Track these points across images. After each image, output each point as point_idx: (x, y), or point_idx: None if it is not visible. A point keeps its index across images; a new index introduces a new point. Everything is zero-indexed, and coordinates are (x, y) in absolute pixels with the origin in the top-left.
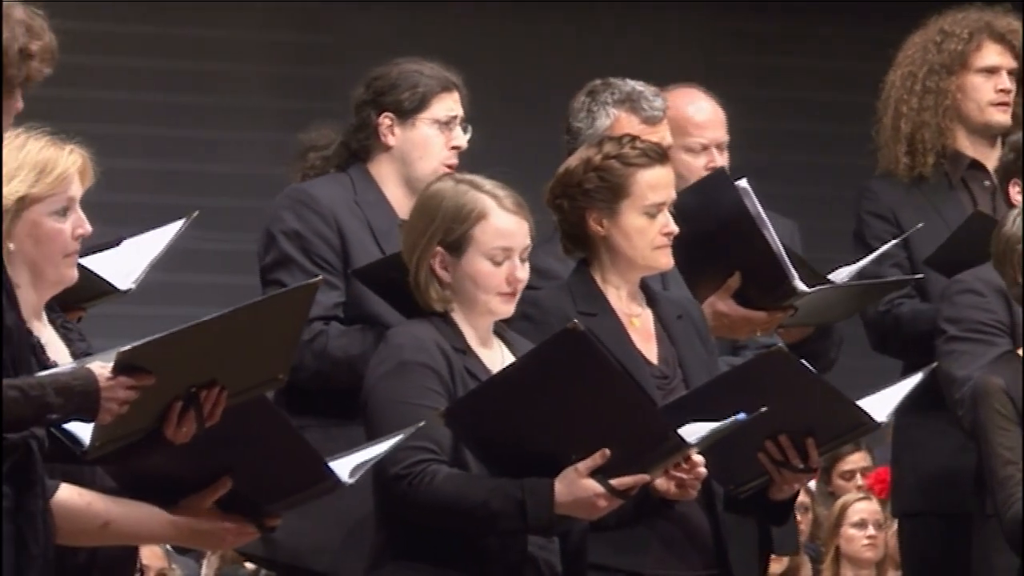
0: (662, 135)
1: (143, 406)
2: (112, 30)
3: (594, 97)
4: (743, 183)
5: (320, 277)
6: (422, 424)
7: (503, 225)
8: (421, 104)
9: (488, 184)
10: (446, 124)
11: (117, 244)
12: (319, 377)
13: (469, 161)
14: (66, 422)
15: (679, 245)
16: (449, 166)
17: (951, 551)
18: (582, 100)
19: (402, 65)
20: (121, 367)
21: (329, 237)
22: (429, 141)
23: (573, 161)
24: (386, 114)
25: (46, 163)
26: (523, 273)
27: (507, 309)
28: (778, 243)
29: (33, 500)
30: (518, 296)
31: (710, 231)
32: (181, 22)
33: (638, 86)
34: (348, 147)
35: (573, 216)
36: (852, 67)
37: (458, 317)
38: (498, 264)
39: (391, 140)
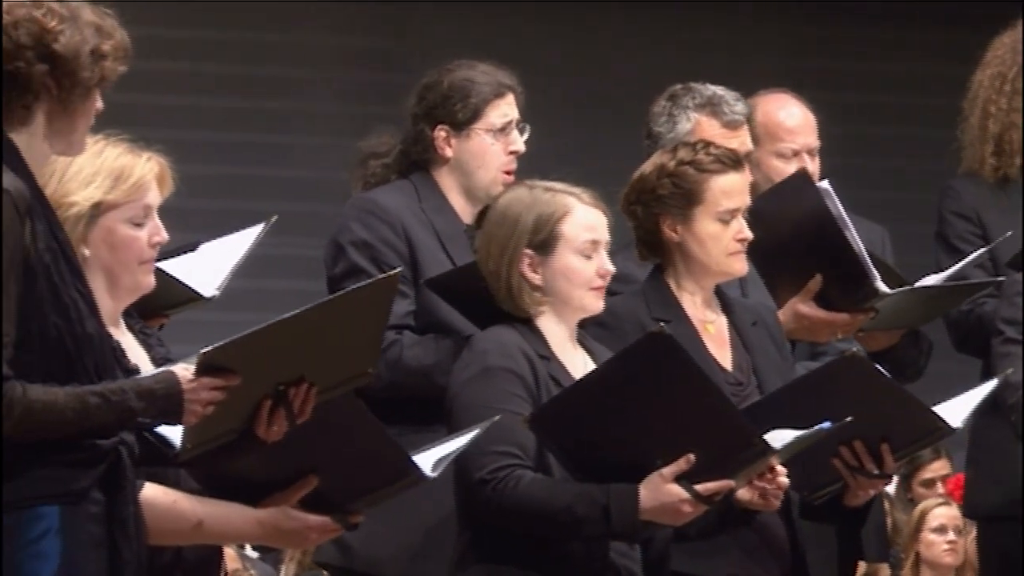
0: (742, 140)
1: (231, 406)
2: (189, 36)
3: (675, 101)
4: (825, 184)
5: (399, 268)
6: (498, 418)
7: (588, 218)
8: (475, 115)
9: (560, 185)
10: (502, 130)
11: (194, 248)
12: (393, 387)
13: (542, 165)
14: (153, 426)
15: (759, 248)
16: (508, 172)
17: None
18: (663, 104)
19: (453, 73)
20: (204, 368)
21: (397, 245)
22: (486, 150)
23: (647, 167)
24: (440, 127)
25: (122, 170)
26: (611, 265)
27: (599, 305)
28: (860, 245)
29: (124, 505)
30: (604, 291)
31: (791, 233)
32: (258, 27)
33: (719, 90)
34: (408, 155)
35: (647, 222)
36: (937, 71)
37: (543, 322)
38: (588, 258)
39: (448, 152)
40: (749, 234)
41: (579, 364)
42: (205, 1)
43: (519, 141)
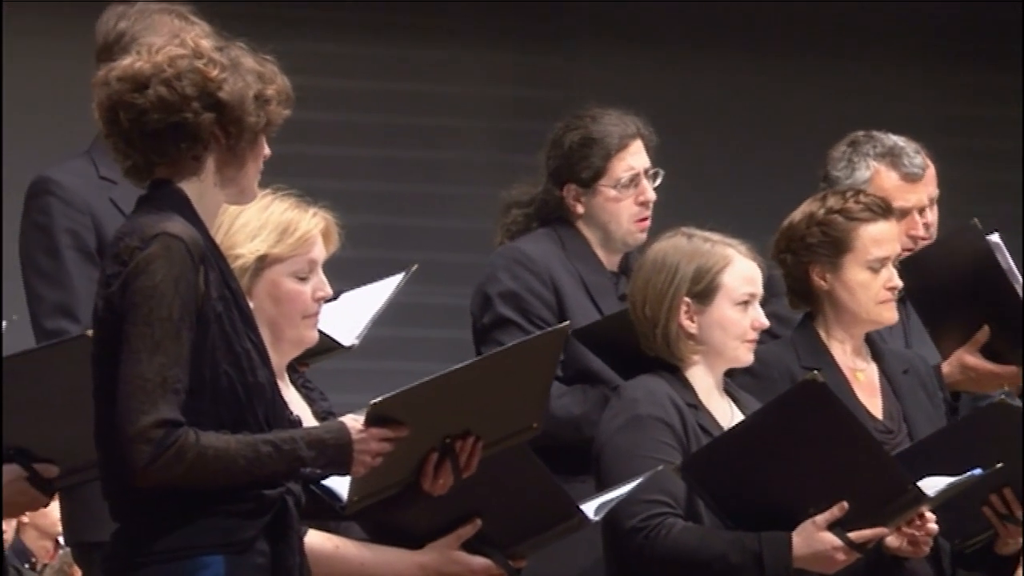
0: (919, 195)
1: (398, 458)
2: (338, 86)
3: (855, 148)
4: (995, 237)
5: (568, 323)
6: (661, 468)
7: (746, 271)
8: (599, 172)
9: (717, 236)
10: (630, 183)
11: (335, 298)
12: (541, 437)
13: (694, 209)
14: (321, 477)
15: (925, 298)
16: (641, 220)
17: None
18: (843, 150)
19: (575, 130)
20: (374, 419)
21: (544, 295)
22: (615, 205)
23: (797, 215)
24: (568, 185)
25: (288, 224)
26: (764, 319)
27: (749, 357)
28: None
29: (290, 555)
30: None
31: (958, 284)
32: (407, 78)
33: (900, 141)
34: (546, 208)
35: (796, 270)
36: None
37: (692, 371)
38: (744, 310)
39: (579, 208)
40: (899, 282)
41: (726, 413)
42: (359, 51)
43: (649, 190)
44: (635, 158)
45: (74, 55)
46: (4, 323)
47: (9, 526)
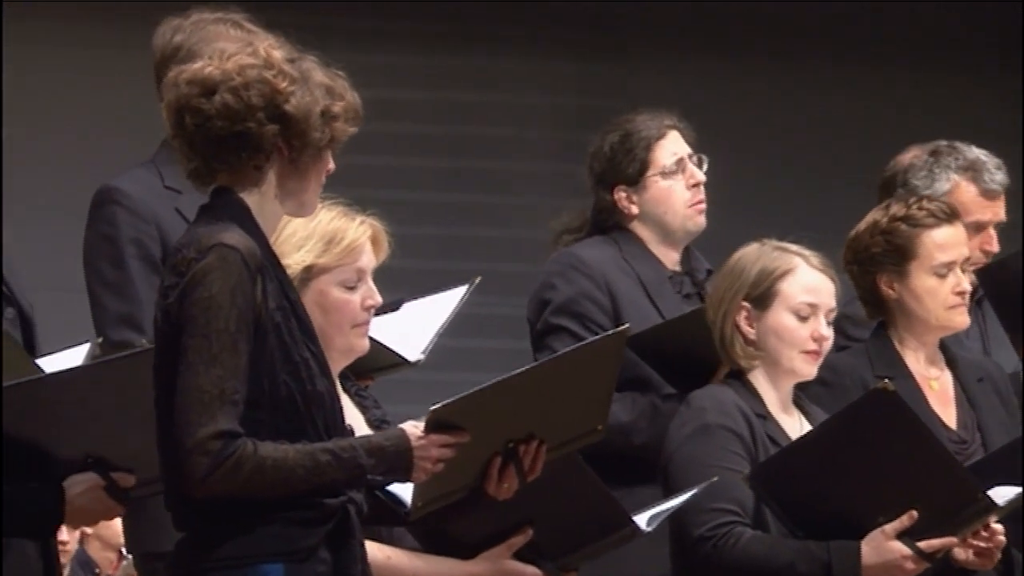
0: (996, 211)
1: (461, 463)
2: (395, 96)
3: (937, 159)
4: None
5: (627, 325)
6: (716, 479)
7: (810, 281)
8: (644, 164)
9: (793, 246)
10: (676, 168)
11: (397, 308)
12: (591, 444)
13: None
14: (384, 484)
15: (1007, 304)
16: (696, 203)
17: None
18: (924, 159)
19: (611, 133)
20: (433, 425)
21: (600, 299)
22: (667, 193)
23: (862, 226)
24: (617, 188)
25: (335, 233)
26: (828, 332)
27: (810, 370)
28: None
29: (352, 563)
30: (822, 358)
31: None
32: (468, 89)
33: (982, 155)
34: (599, 223)
35: (865, 281)
36: None
37: (758, 380)
38: (803, 320)
39: (633, 209)
40: (967, 286)
41: (795, 425)
42: (419, 63)
43: (698, 172)
44: (676, 144)
45: (142, 68)
46: (88, 345)
47: (72, 537)
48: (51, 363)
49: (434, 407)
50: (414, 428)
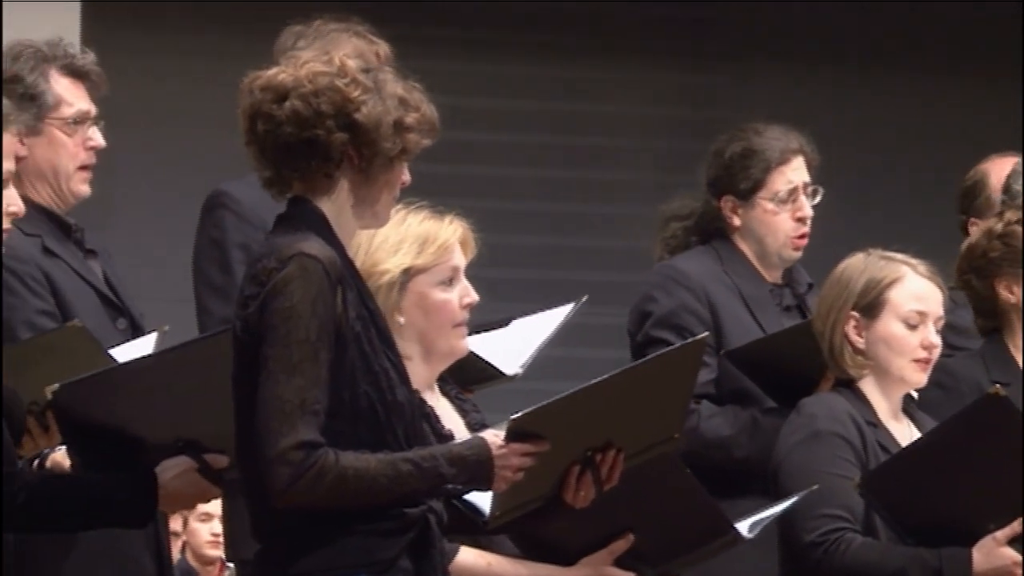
0: None
1: (540, 472)
2: (501, 106)
3: None
4: None
5: (706, 334)
6: (817, 487)
7: (919, 289)
8: (757, 184)
9: (899, 255)
10: (787, 198)
11: (506, 324)
12: (690, 456)
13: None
14: (463, 493)
15: None
16: (799, 237)
17: None
18: None
19: (737, 142)
20: (514, 434)
21: (700, 312)
22: (772, 218)
23: (976, 235)
24: (726, 197)
25: (427, 234)
26: (938, 340)
27: (920, 378)
28: None
29: (432, 573)
30: (931, 366)
31: None
32: (570, 98)
33: None
34: (705, 222)
35: (983, 288)
36: None
37: (868, 389)
38: (912, 328)
39: (736, 221)
40: None
41: (905, 433)
42: (522, 72)
43: (807, 206)
44: (795, 173)
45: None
46: (155, 334)
47: (175, 546)
48: (121, 353)
49: (514, 416)
50: (495, 437)
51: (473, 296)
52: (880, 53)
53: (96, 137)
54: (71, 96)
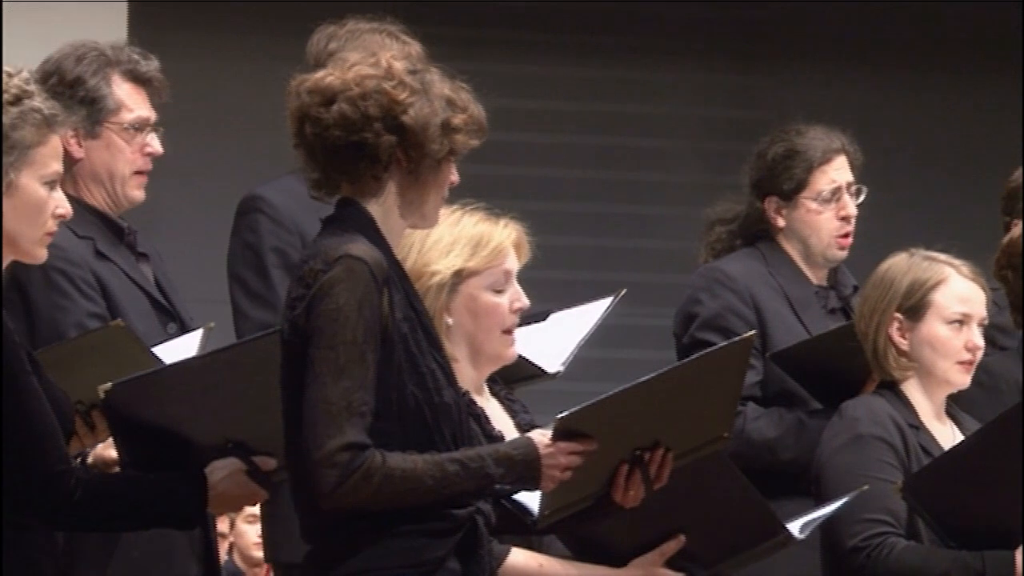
0: None
1: (589, 471)
2: (546, 107)
3: None
4: None
5: (754, 332)
6: (867, 487)
7: (962, 290)
8: (800, 184)
9: (942, 255)
10: (831, 197)
11: (544, 318)
12: (736, 458)
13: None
14: (511, 493)
15: None
16: (843, 236)
17: None
18: None
19: (779, 143)
20: (561, 433)
21: (745, 314)
22: (816, 218)
23: (1016, 231)
24: (769, 198)
25: (481, 237)
26: (981, 341)
27: (964, 380)
28: None
29: (481, 574)
30: (975, 367)
31: None
32: (617, 99)
33: None
34: (749, 223)
35: (1019, 284)
36: None
37: (911, 390)
38: (957, 329)
39: (780, 222)
40: None
41: (948, 435)
42: (569, 73)
43: (851, 205)
44: (838, 172)
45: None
46: (201, 331)
47: (222, 548)
48: (165, 350)
49: (561, 415)
50: (542, 437)
51: (524, 301)
52: (924, 54)
53: (154, 144)
54: (132, 102)
